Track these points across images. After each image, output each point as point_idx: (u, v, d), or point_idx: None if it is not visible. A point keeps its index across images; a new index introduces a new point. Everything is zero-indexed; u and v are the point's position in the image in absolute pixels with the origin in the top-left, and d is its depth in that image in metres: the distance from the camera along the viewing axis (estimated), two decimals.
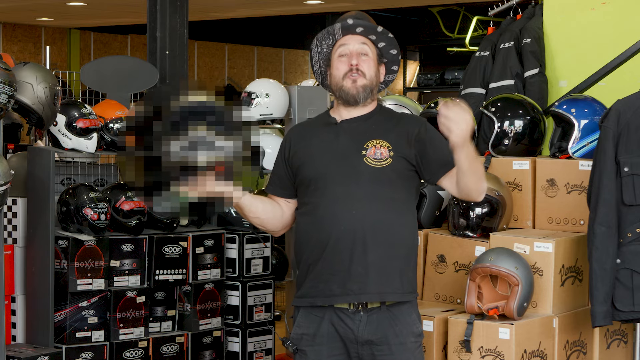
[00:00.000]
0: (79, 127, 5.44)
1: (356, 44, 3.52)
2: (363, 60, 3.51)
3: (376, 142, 3.50)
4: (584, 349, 4.41)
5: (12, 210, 5.41)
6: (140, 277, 5.58)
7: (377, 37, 3.55)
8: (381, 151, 3.49)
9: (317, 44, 3.61)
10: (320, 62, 3.62)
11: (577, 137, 4.64)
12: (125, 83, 6.07)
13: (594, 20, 5.46)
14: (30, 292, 5.38)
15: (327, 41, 3.58)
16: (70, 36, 15.04)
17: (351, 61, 3.50)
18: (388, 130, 3.54)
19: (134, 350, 5.53)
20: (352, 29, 3.53)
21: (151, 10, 6.87)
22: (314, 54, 3.63)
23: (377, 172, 3.46)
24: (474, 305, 4.17)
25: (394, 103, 5.28)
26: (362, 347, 3.44)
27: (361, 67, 3.50)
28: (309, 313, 3.51)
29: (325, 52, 3.59)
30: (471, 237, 4.53)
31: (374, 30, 3.54)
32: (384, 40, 3.57)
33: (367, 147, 3.48)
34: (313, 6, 12.33)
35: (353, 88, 3.50)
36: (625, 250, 4.16)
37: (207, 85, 3.32)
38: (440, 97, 5.30)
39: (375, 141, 3.50)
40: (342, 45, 3.54)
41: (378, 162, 3.47)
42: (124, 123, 5.48)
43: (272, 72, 16.09)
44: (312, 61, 3.64)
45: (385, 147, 3.49)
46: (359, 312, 3.44)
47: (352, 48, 3.52)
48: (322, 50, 3.60)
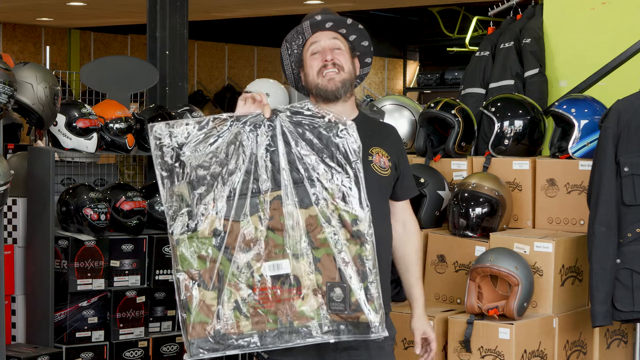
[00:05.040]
0: (79, 127, 5.44)
1: (327, 40, 3.40)
2: (337, 54, 3.39)
3: (378, 149, 3.41)
4: (584, 349, 4.41)
5: (12, 210, 5.41)
6: (140, 277, 5.57)
7: (348, 30, 3.44)
8: (383, 160, 3.41)
9: (286, 45, 3.48)
10: (292, 64, 3.51)
11: (577, 137, 4.64)
12: (125, 83, 6.07)
13: (594, 20, 5.46)
14: (30, 292, 5.38)
15: (297, 41, 3.46)
16: (70, 36, 15.06)
17: (325, 57, 3.37)
18: (383, 139, 3.46)
19: (134, 350, 5.53)
20: (321, 24, 3.41)
21: (151, 10, 6.87)
22: (284, 56, 3.51)
23: (382, 181, 3.37)
24: (474, 305, 4.17)
25: (394, 103, 5.27)
26: (340, 354, 3.29)
27: (337, 60, 3.38)
28: None
29: (296, 53, 3.47)
30: (471, 237, 4.53)
31: (343, 23, 3.43)
32: (354, 32, 3.46)
33: (372, 153, 3.38)
34: (313, 6, 12.35)
35: (331, 85, 3.36)
36: (625, 250, 4.16)
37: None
38: (440, 97, 5.29)
39: (377, 148, 3.41)
40: (314, 42, 3.41)
41: (383, 171, 3.39)
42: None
43: (272, 72, 16.10)
44: (283, 64, 3.53)
45: (385, 157, 3.41)
46: None
47: (324, 44, 3.40)
48: (292, 52, 3.48)
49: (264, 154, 3.08)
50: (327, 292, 3.02)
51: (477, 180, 4.56)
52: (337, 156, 3.09)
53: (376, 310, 3.03)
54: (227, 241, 3.03)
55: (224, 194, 3.05)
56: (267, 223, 3.04)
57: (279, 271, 3.03)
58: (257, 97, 3.13)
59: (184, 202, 3.07)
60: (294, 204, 3.04)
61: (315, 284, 3.02)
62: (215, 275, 3.02)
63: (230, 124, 3.09)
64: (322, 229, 3.03)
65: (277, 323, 3.02)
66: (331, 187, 3.06)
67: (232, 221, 3.04)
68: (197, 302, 3.02)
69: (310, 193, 3.05)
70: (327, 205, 3.04)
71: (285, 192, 3.05)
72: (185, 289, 3.04)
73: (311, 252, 3.02)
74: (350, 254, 3.03)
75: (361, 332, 3.04)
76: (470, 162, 4.83)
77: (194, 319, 3.02)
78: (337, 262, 3.02)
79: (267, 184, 3.06)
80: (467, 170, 4.81)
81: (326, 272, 3.02)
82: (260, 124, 3.10)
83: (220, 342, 3.01)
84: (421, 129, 4.97)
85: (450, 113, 4.87)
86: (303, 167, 3.07)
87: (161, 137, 3.09)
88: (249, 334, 3.02)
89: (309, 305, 3.02)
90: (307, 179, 3.06)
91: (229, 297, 3.01)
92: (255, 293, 3.02)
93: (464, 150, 4.92)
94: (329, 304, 3.02)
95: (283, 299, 3.02)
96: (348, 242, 3.03)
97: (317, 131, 3.11)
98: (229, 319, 3.01)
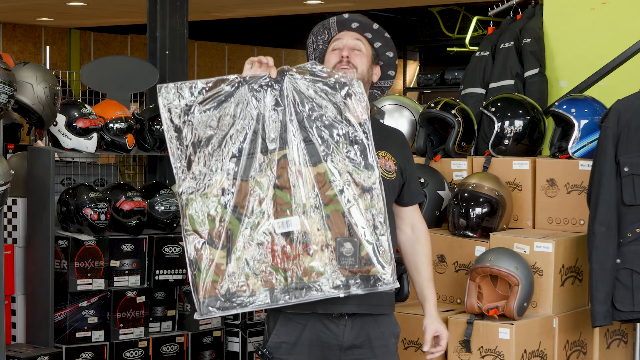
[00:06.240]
0: (79, 127, 5.44)
1: (350, 40, 3.44)
2: (355, 55, 3.42)
3: (385, 153, 3.41)
4: (584, 349, 4.41)
5: (12, 210, 5.41)
6: (140, 277, 5.58)
7: (373, 35, 3.48)
8: (390, 164, 3.42)
9: (312, 39, 3.54)
10: (316, 59, 3.54)
11: (577, 137, 4.64)
12: (125, 83, 6.07)
13: (594, 20, 5.46)
14: (30, 292, 5.38)
15: (323, 36, 3.51)
16: (70, 36, 15.06)
17: (342, 53, 3.41)
18: (390, 143, 3.46)
19: (134, 350, 5.53)
20: (347, 24, 3.46)
21: (151, 10, 6.87)
22: (309, 49, 3.56)
23: (387, 184, 3.34)
24: (474, 305, 4.17)
25: (394, 103, 5.27)
26: (344, 352, 3.30)
27: (352, 60, 3.41)
28: (290, 320, 3.32)
29: (321, 48, 3.53)
30: (471, 237, 4.53)
31: (369, 27, 3.47)
32: (380, 39, 3.50)
33: (378, 156, 3.34)
34: (313, 6, 12.35)
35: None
36: (625, 250, 4.16)
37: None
38: (440, 97, 5.29)
39: (384, 152, 3.41)
40: (337, 40, 3.46)
41: (389, 175, 3.40)
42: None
43: None
44: (308, 57, 3.56)
45: (391, 161, 3.42)
46: (344, 316, 3.30)
47: (345, 42, 3.44)
48: (317, 46, 3.54)
49: (271, 114, 3.09)
50: (337, 247, 3.03)
51: (477, 180, 4.56)
52: (345, 114, 3.12)
53: (388, 263, 3.06)
54: (235, 200, 3.05)
55: (232, 154, 3.07)
56: (275, 181, 3.05)
57: (288, 228, 3.04)
58: (263, 60, 3.17)
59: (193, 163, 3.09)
60: (303, 161, 3.06)
61: (324, 239, 3.04)
62: (225, 234, 3.04)
63: (237, 85, 3.11)
64: (330, 185, 3.05)
65: (287, 280, 3.03)
66: (340, 144, 3.09)
67: (241, 180, 3.06)
68: (207, 261, 3.03)
69: (319, 150, 3.08)
70: (336, 162, 3.07)
71: (293, 150, 3.07)
72: (195, 248, 3.05)
73: (320, 209, 3.04)
74: (360, 208, 3.05)
75: (371, 286, 3.06)
76: (470, 162, 4.83)
77: (204, 277, 3.03)
78: (346, 218, 3.04)
79: (274, 143, 3.08)
80: (467, 170, 4.81)
81: (335, 228, 3.04)
82: (267, 85, 3.12)
83: (230, 300, 3.03)
84: (421, 129, 4.97)
85: (450, 113, 4.87)
86: (311, 125, 3.09)
87: (170, 97, 3.12)
88: (259, 291, 3.03)
89: (319, 261, 3.04)
90: (315, 136, 3.09)
91: (239, 255, 3.03)
92: (265, 250, 3.03)
93: (464, 150, 4.92)
94: (338, 259, 3.03)
95: (292, 255, 3.04)
96: (358, 197, 3.06)
97: (324, 90, 3.13)
98: (238, 277, 3.03)
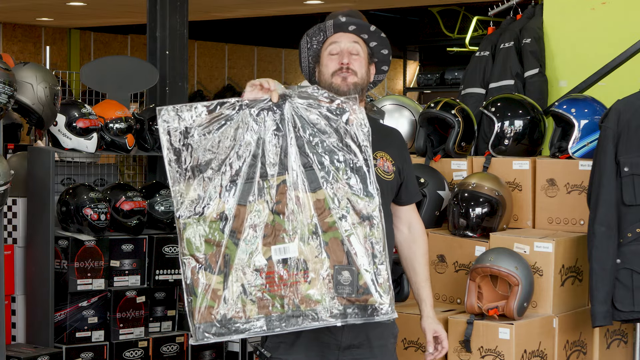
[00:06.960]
0: (79, 127, 5.44)
1: (348, 43, 3.42)
2: (354, 59, 3.41)
3: (383, 153, 3.42)
4: (584, 349, 4.41)
5: (12, 210, 5.41)
6: (140, 277, 5.58)
7: (369, 36, 3.46)
8: (387, 164, 3.42)
9: (307, 39, 3.50)
10: (309, 58, 3.52)
11: (577, 137, 4.64)
12: (125, 83, 6.07)
13: (594, 20, 5.46)
14: (30, 292, 5.38)
15: (318, 37, 3.48)
16: (70, 36, 15.06)
17: (342, 60, 3.40)
18: (388, 144, 3.47)
19: (134, 350, 5.53)
20: (344, 26, 3.43)
21: (151, 10, 6.87)
22: (302, 49, 3.53)
23: (385, 185, 3.34)
24: (474, 305, 4.17)
25: (394, 103, 5.27)
26: (343, 352, 3.30)
27: (352, 66, 3.40)
28: None
29: (315, 48, 3.49)
30: (471, 237, 4.53)
31: (366, 29, 3.45)
32: (375, 39, 3.48)
33: (376, 157, 3.37)
34: (313, 6, 12.35)
35: (344, 85, 3.38)
36: (625, 250, 4.16)
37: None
38: (440, 97, 5.29)
39: (382, 152, 3.41)
40: (333, 42, 3.44)
41: (387, 176, 3.40)
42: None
43: (272, 72, 16.09)
44: (300, 56, 3.54)
45: (389, 161, 3.43)
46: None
47: (343, 46, 3.42)
48: (311, 46, 3.50)
49: (271, 138, 3.08)
50: (335, 275, 3.01)
51: (477, 180, 4.56)
52: (346, 140, 3.10)
53: (386, 292, 3.03)
54: (233, 225, 3.03)
55: (230, 178, 3.05)
56: (274, 207, 3.04)
57: (286, 255, 3.02)
58: (264, 84, 3.15)
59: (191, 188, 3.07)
60: (302, 187, 3.05)
61: (322, 267, 3.02)
62: (222, 259, 3.02)
63: (237, 109, 3.09)
64: (330, 212, 3.03)
65: (284, 307, 3.01)
66: (340, 171, 3.07)
67: (239, 205, 3.04)
68: (203, 286, 3.01)
69: (319, 177, 3.06)
70: (336, 188, 3.05)
71: (293, 175, 3.05)
72: (192, 273, 3.03)
73: (318, 236, 3.02)
74: (359, 236, 3.03)
75: (369, 315, 3.03)
76: (470, 162, 4.83)
77: (200, 303, 3.01)
78: (345, 246, 3.03)
79: (274, 168, 3.06)
80: (467, 170, 4.81)
81: (333, 256, 3.02)
82: (268, 109, 3.11)
83: (226, 327, 3.01)
84: (421, 129, 4.97)
85: (450, 113, 4.87)
86: (311, 151, 3.07)
87: (169, 120, 3.10)
88: (256, 318, 3.01)
89: (316, 289, 3.01)
90: (315, 162, 3.07)
91: (236, 281, 3.01)
92: (262, 277, 3.01)
93: (464, 150, 4.92)
94: (336, 287, 3.01)
95: (290, 282, 3.01)
96: (357, 225, 3.04)
97: (325, 115, 3.11)
98: (235, 303, 3.00)
